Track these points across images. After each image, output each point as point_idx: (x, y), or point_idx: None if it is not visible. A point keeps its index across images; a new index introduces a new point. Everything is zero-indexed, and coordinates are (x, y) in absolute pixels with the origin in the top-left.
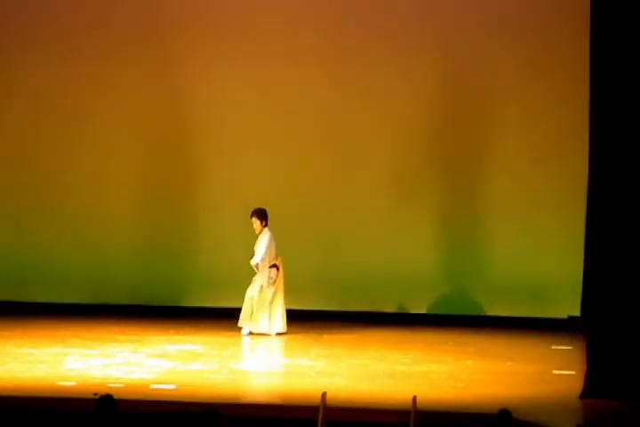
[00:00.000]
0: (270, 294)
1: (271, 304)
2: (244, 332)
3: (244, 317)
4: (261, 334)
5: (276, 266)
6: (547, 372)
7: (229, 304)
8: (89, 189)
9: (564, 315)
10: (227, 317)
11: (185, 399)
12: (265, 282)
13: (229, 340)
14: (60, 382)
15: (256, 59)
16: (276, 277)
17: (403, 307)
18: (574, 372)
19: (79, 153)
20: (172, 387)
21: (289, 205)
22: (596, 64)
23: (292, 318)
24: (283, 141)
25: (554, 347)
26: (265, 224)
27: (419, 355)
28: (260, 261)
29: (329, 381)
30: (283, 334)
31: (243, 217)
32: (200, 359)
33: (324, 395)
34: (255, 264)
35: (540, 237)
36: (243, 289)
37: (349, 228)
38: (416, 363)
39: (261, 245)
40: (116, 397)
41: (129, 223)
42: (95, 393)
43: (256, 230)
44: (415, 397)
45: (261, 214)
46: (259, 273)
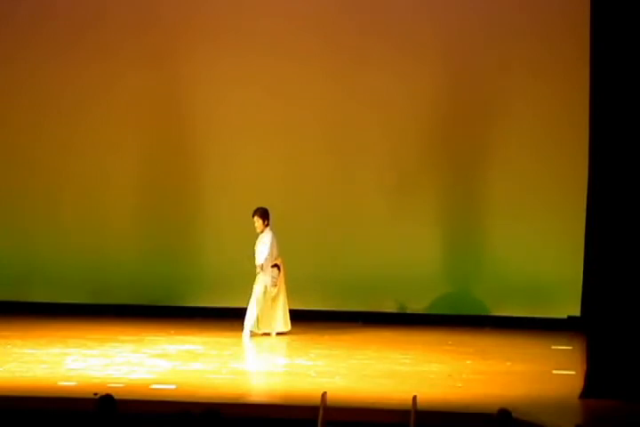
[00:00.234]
0: (274, 293)
1: (274, 304)
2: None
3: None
4: (264, 333)
5: (277, 266)
6: (546, 372)
7: (229, 304)
8: (89, 189)
9: (563, 315)
10: (227, 317)
11: (185, 399)
12: (269, 282)
13: (229, 340)
14: (61, 383)
15: (256, 58)
16: (278, 276)
17: (403, 307)
18: (574, 372)
19: (79, 153)
20: (173, 387)
21: (289, 205)
22: (596, 64)
23: (292, 318)
24: (283, 141)
25: (554, 347)
26: (267, 224)
27: (418, 355)
28: (265, 261)
29: (329, 381)
30: (286, 333)
31: (243, 217)
32: (200, 359)
33: (324, 395)
34: (260, 264)
35: (540, 237)
36: (243, 289)
37: (349, 228)
38: (416, 363)
39: (264, 244)
40: (116, 397)
41: (129, 223)
42: (95, 393)
43: (257, 229)
44: (415, 397)
45: (263, 214)
46: (261, 274)
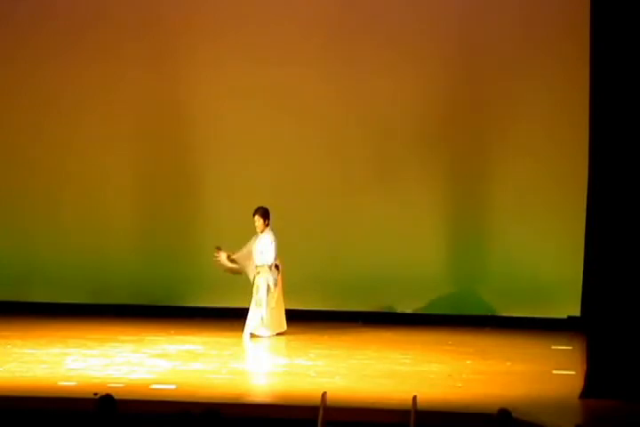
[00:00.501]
0: (276, 294)
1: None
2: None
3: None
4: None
5: (277, 266)
6: (546, 372)
7: (229, 304)
8: (89, 189)
9: (563, 315)
10: (227, 317)
11: (185, 399)
12: (272, 282)
13: (229, 340)
14: (61, 383)
15: (255, 59)
16: (278, 277)
17: (403, 307)
18: (574, 372)
19: (79, 153)
20: (173, 387)
21: (289, 205)
22: (596, 64)
23: (292, 318)
24: (283, 141)
25: (554, 347)
26: (267, 224)
27: (418, 355)
28: (274, 261)
29: (329, 381)
30: (283, 333)
31: (243, 217)
32: (200, 359)
33: (324, 395)
34: (270, 265)
35: (540, 236)
36: (243, 289)
37: (349, 228)
38: (416, 363)
39: (269, 245)
40: (116, 397)
41: (129, 223)
42: (95, 393)
43: (258, 229)
44: (415, 397)
45: (264, 213)
46: (264, 274)
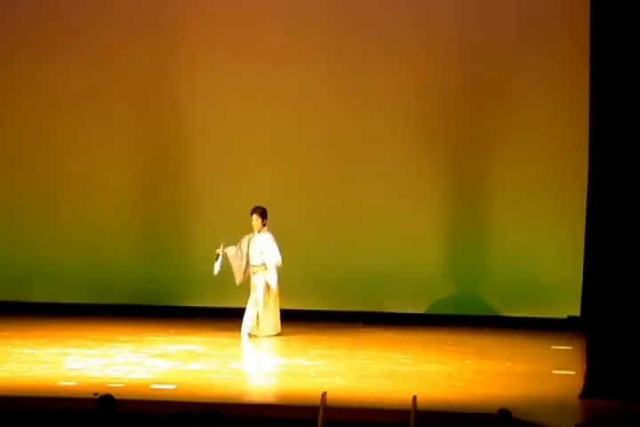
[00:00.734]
0: (274, 295)
1: (274, 305)
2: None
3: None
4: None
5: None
6: (546, 372)
7: (229, 304)
8: (89, 189)
9: (563, 315)
10: (227, 317)
11: (185, 399)
12: (276, 283)
13: (229, 340)
14: (61, 382)
15: (255, 60)
16: None
17: (403, 307)
18: (574, 372)
19: (79, 153)
20: (172, 387)
21: (289, 206)
22: (596, 64)
23: (293, 318)
24: (283, 142)
25: (554, 347)
26: (265, 223)
27: (418, 355)
28: (279, 261)
29: (329, 381)
30: (279, 335)
31: (243, 217)
32: (200, 359)
33: (324, 395)
34: (278, 265)
35: (540, 237)
36: (243, 289)
37: (349, 228)
38: (416, 363)
39: (271, 245)
40: (116, 397)
41: (129, 223)
42: (95, 393)
43: (255, 228)
44: (415, 397)
45: (263, 213)
46: (261, 274)
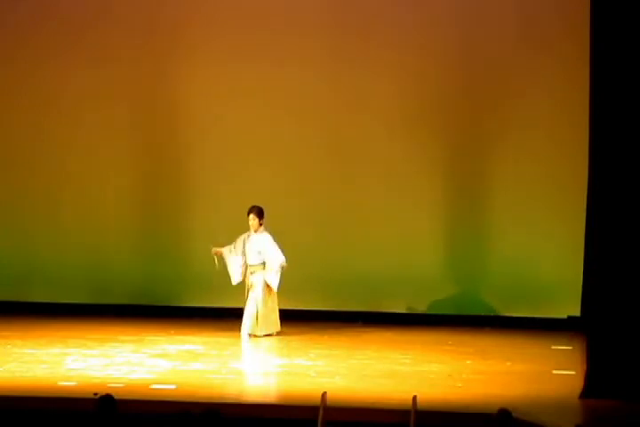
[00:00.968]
0: (273, 293)
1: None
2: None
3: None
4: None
5: None
6: (546, 372)
7: (229, 304)
8: (89, 189)
9: (563, 315)
10: (226, 317)
11: (185, 399)
12: (277, 283)
13: (229, 340)
14: (61, 382)
15: (256, 60)
16: None
17: (403, 307)
18: (574, 372)
19: (79, 153)
20: (172, 387)
21: (289, 206)
22: (596, 64)
23: (293, 318)
24: (283, 142)
25: (553, 347)
26: (261, 223)
27: (418, 355)
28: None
29: (329, 381)
30: (279, 333)
31: (242, 217)
32: (200, 359)
33: (324, 395)
34: (283, 265)
35: (540, 237)
36: (242, 289)
37: (349, 228)
38: (416, 363)
39: (271, 245)
40: (116, 397)
41: (129, 223)
42: (95, 393)
43: (252, 228)
44: (415, 397)
45: (260, 212)
46: (259, 273)
